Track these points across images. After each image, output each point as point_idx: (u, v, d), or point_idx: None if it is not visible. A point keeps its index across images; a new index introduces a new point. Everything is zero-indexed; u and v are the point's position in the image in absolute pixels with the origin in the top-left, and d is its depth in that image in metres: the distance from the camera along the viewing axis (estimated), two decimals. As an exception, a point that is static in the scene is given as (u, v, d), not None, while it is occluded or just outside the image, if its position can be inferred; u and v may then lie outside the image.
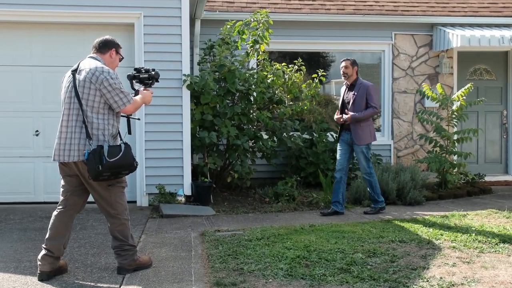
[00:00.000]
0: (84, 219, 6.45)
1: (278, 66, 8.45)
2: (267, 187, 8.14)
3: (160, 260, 4.76)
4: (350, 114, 6.87)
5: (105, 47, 4.42)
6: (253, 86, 8.08)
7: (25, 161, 7.54)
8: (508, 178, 10.18)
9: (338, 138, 7.19)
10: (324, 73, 8.86)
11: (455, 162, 8.81)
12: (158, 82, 4.60)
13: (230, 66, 7.79)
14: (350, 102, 6.94)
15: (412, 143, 10.04)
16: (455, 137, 8.75)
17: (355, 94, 6.90)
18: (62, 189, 4.34)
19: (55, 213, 4.29)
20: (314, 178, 8.70)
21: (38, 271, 4.23)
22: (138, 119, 5.05)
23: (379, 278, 4.18)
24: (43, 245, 4.25)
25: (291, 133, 8.59)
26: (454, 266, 4.56)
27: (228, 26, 8.19)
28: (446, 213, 6.92)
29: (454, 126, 8.88)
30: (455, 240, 5.41)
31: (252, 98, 8.17)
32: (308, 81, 8.89)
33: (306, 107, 8.63)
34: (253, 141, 8.22)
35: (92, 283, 4.16)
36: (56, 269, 4.26)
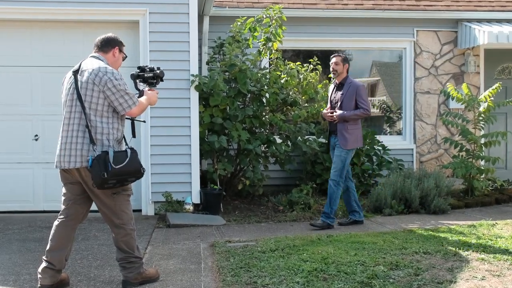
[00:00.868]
0: (86, 229, 6.47)
1: (292, 65, 8.43)
2: (281, 195, 8.12)
3: (167, 273, 4.75)
4: (339, 112, 6.71)
5: (107, 45, 4.41)
6: (265, 87, 8.08)
7: (23, 167, 7.57)
8: (539, 184, 10.07)
9: (328, 146, 7.04)
10: (341, 72, 8.83)
11: (483, 168, 8.74)
12: (163, 81, 4.59)
13: (241, 66, 7.78)
14: (337, 103, 6.79)
15: (436, 147, 9.98)
16: (482, 140, 8.69)
17: (343, 94, 6.74)
18: (63, 197, 4.33)
19: (56, 223, 4.28)
20: (331, 185, 8.66)
21: (39, 285, 4.22)
22: (144, 122, 5.03)
23: (403, 293, 4.14)
24: (44, 257, 4.25)
25: (306, 136, 8.55)
26: (483, 279, 4.50)
27: (238, 23, 8.19)
28: (474, 222, 6.87)
29: (481, 129, 8.80)
30: (484, 251, 5.35)
31: (264, 100, 8.16)
32: (324, 81, 8.87)
33: (322, 109, 8.58)
34: (265, 145, 8.20)
35: (95, 298, 4.17)
36: (57, 282, 4.25)
